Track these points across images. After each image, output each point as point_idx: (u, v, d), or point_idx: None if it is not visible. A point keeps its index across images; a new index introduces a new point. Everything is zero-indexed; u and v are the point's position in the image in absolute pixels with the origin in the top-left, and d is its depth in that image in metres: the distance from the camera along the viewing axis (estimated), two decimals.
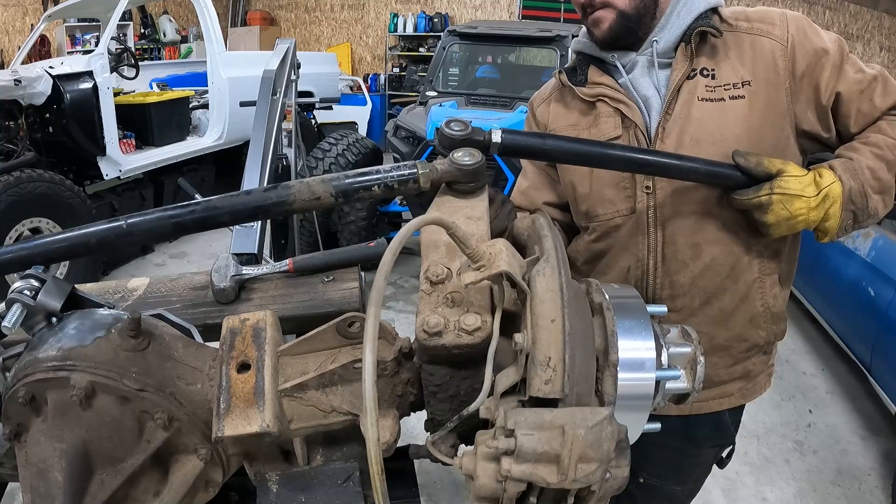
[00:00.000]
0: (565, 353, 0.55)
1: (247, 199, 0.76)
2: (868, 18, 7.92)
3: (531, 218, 0.76)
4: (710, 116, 1.08)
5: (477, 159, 0.79)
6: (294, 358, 0.69)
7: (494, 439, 0.54)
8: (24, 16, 8.37)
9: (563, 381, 0.54)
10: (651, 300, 1.17)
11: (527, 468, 0.52)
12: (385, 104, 9.90)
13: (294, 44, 3.10)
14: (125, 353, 0.64)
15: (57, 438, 0.62)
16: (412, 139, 4.39)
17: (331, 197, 0.76)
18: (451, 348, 0.60)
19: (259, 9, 11.08)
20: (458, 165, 0.79)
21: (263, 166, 2.04)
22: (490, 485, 0.54)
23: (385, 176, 0.77)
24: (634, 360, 0.64)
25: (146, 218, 0.74)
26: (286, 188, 0.75)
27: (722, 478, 2.79)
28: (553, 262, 0.62)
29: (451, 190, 0.81)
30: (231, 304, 1.00)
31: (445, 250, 0.69)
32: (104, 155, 4.46)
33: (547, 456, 0.51)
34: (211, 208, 0.74)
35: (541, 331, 0.57)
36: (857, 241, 3.42)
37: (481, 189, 0.82)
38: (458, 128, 0.84)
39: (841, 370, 3.78)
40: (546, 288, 0.59)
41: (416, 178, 0.77)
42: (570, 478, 0.51)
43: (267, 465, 0.70)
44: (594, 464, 0.52)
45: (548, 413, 0.53)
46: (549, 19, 8.74)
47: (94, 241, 0.73)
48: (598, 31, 1.13)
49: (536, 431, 0.52)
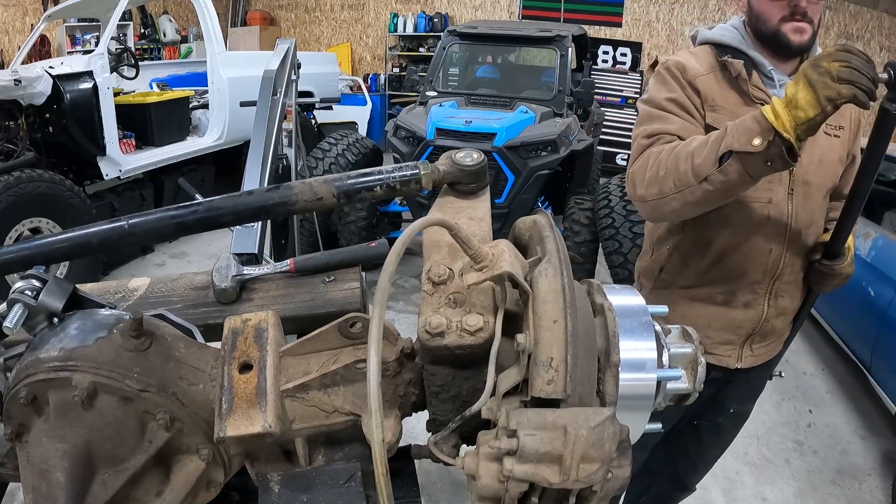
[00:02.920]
0: (567, 354, 0.55)
1: (249, 199, 0.76)
2: (868, 18, 7.92)
3: (532, 218, 0.76)
4: (827, 145, 1.43)
5: (478, 160, 0.79)
6: (296, 358, 0.69)
7: (497, 439, 0.54)
8: (24, 16, 8.36)
9: (566, 382, 0.54)
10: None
11: (529, 468, 0.52)
12: (385, 104, 9.91)
13: (294, 44, 3.10)
14: (127, 354, 0.64)
15: (59, 439, 0.62)
16: (412, 139, 4.38)
17: (333, 197, 0.76)
18: (454, 349, 0.60)
19: (259, 9, 11.08)
20: (459, 166, 0.78)
21: (264, 166, 2.04)
22: (492, 485, 0.54)
23: (387, 176, 0.77)
24: (636, 360, 0.64)
25: (148, 218, 0.74)
26: (289, 188, 0.75)
27: (722, 478, 2.79)
28: (555, 263, 0.62)
29: (452, 190, 0.81)
30: (232, 304, 0.99)
31: (447, 251, 0.69)
32: (104, 155, 4.46)
33: (549, 456, 0.52)
34: (214, 208, 0.74)
35: (543, 331, 0.57)
36: (857, 240, 3.42)
37: (483, 190, 0.82)
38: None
39: (841, 370, 3.78)
40: (548, 288, 0.59)
41: (419, 179, 0.77)
42: (572, 478, 0.51)
43: (269, 465, 0.70)
44: (596, 464, 0.52)
45: (550, 413, 0.53)
46: (549, 19, 8.74)
47: (95, 242, 0.73)
48: (798, 39, 1.32)
49: (539, 432, 0.52)
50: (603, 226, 3.77)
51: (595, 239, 4.00)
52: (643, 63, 8.93)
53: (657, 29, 8.92)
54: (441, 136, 4.20)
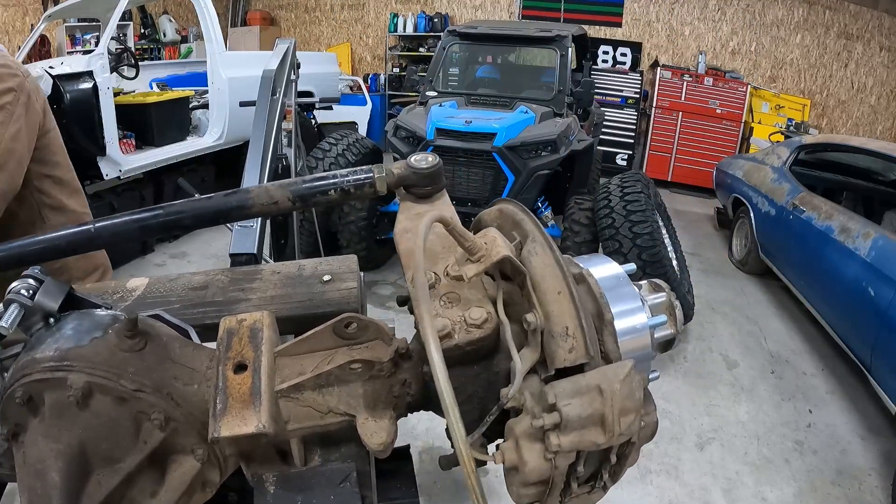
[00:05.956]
0: (581, 319, 0.57)
1: (208, 203, 0.77)
2: (868, 18, 7.92)
3: (496, 208, 0.77)
4: None
5: (433, 163, 0.79)
6: (291, 359, 0.69)
7: (537, 419, 0.54)
8: (24, 16, 8.36)
9: (586, 345, 0.56)
10: None
11: (575, 437, 0.53)
12: (385, 104, 9.91)
13: (294, 44, 3.10)
14: (122, 354, 0.64)
15: (54, 439, 0.62)
16: (412, 139, 4.38)
17: (288, 201, 0.77)
18: (464, 346, 0.61)
19: (259, 9, 11.08)
20: (414, 169, 0.79)
21: (263, 166, 2.04)
22: (540, 465, 0.55)
23: (341, 180, 0.77)
24: (626, 315, 0.66)
25: (114, 221, 0.75)
26: (246, 192, 0.77)
27: (722, 478, 2.79)
28: (541, 240, 0.64)
29: (409, 195, 0.81)
30: (230, 305, 0.99)
31: (426, 255, 0.69)
32: (104, 155, 4.46)
33: (592, 419, 0.53)
34: (175, 213, 0.76)
35: (551, 304, 0.58)
36: (857, 240, 3.42)
37: (440, 193, 0.82)
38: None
39: (841, 370, 3.78)
40: (544, 264, 0.61)
41: (373, 183, 0.78)
42: (617, 434, 0.53)
43: (264, 465, 0.70)
44: (632, 414, 0.53)
45: (581, 378, 0.55)
46: (549, 19, 8.74)
47: (64, 244, 0.75)
48: None
49: (576, 398, 0.53)
50: (603, 226, 3.77)
51: (595, 239, 4.00)
52: (643, 63, 8.93)
53: (657, 29, 8.91)
54: (441, 136, 4.20)
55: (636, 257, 3.53)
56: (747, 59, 8.58)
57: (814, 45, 8.26)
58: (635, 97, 8.39)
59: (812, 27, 8.21)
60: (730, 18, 8.53)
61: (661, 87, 8.18)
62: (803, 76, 8.42)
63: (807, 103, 8.18)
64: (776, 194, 4.71)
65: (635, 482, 2.73)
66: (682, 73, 8.19)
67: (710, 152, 7.95)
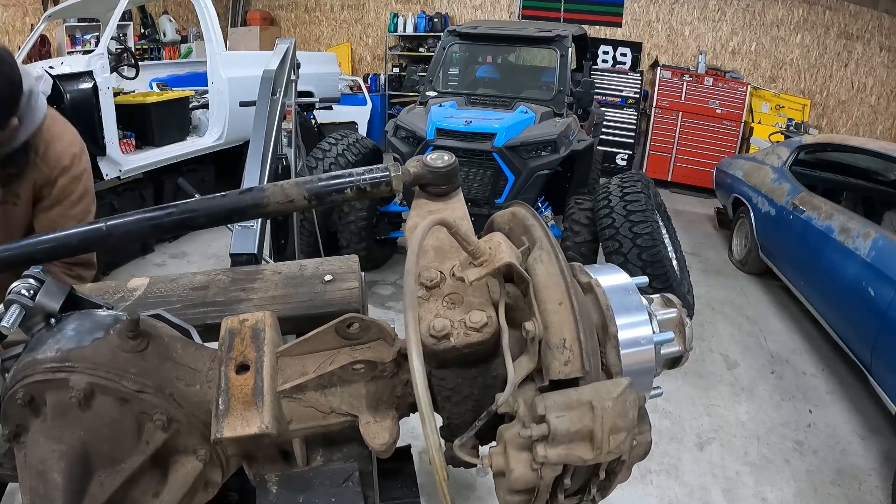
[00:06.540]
0: (579, 333, 0.56)
1: (223, 201, 0.77)
2: (868, 18, 7.91)
3: (510, 210, 0.76)
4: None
5: (449, 161, 0.79)
6: (293, 359, 0.68)
7: (525, 428, 0.54)
8: (24, 16, 8.35)
9: (582, 360, 0.56)
10: None
11: (562, 450, 0.53)
12: (385, 104, 9.90)
13: (294, 44, 3.10)
14: (124, 355, 0.64)
15: (56, 440, 0.62)
16: (412, 139, 4.38)
17: (304, 200, 0.76)
18: (462, 348, 0.61)
19: (259, 9, 11.07)
20: (430, 168, 0.78)
21: (263, 166, 2.04)
22: (526, 475, 0.55)
23: (358, 179, 0.77)
24: (631, 329, 0.66)
25: (126, 220, 0.75)
26: (261, 191, 0.76)
27: (722, 478, 2.79)
28: (548, 248, 0.63)
29: (425, 193, 0.81)
30: (232, 305, 0.99)
31: (433, 254, 0.69)
32: (104, 155, 4.45)
33: (580, 434, 0.52)
34: (188, 211, 0.76)
35: (551, 315, 0.58)
36: (857, 240, 3.42)
37: (455, 191, 0.82)
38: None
39: (841, 370, 3.78)
40: (548, 273, 0.61)
41: (389, 181, 0.77)
42: (604, 451, 0.52)
43: (266, 465, 0.70)
44: (623, 433, 0.53)
45: (573, 392, 0.54)
46: (549, 19, 8.74)
47: (76, 242, 0.75)
48: None
49: (567, 412, 0.53)
50: (603, 226, 3.77)
51: (595, 239, 4.00)
52: (643, 63, 8.92)
53: (657, 29, 8.91)
54: (441, 136, 4.20)
55: (636, 257, 3.53)
56: (747, 59, 8.58)
57: (814, 45, 8.26)
58: (635, 97, 8.39)
59: (812, 27, 8.20)
60: (730, 18, 8.53)
61: (661, 87, 8.18)
62: (803, 76, 8.42)
63: (807, 103, 8.18)
64: (776, 194, 4.71)
65: (635, 482, 2.73)
66: (682, 73, 8.19)
67: (709, 152, 7.95)
